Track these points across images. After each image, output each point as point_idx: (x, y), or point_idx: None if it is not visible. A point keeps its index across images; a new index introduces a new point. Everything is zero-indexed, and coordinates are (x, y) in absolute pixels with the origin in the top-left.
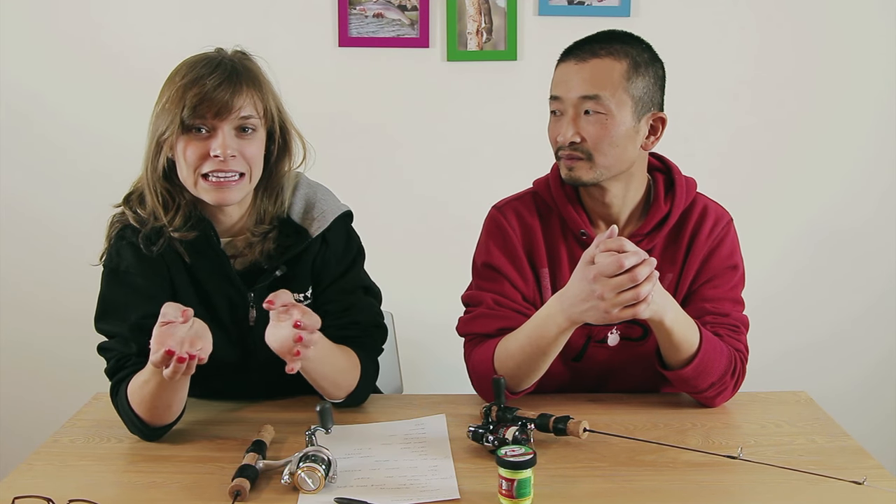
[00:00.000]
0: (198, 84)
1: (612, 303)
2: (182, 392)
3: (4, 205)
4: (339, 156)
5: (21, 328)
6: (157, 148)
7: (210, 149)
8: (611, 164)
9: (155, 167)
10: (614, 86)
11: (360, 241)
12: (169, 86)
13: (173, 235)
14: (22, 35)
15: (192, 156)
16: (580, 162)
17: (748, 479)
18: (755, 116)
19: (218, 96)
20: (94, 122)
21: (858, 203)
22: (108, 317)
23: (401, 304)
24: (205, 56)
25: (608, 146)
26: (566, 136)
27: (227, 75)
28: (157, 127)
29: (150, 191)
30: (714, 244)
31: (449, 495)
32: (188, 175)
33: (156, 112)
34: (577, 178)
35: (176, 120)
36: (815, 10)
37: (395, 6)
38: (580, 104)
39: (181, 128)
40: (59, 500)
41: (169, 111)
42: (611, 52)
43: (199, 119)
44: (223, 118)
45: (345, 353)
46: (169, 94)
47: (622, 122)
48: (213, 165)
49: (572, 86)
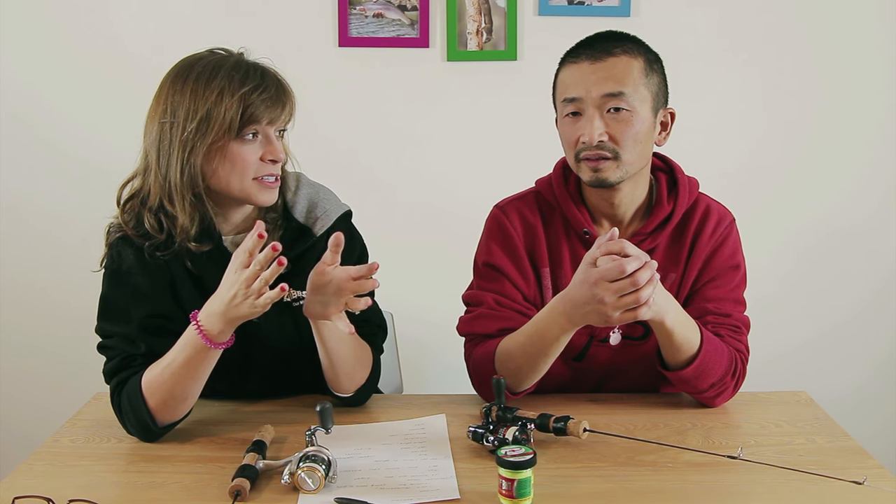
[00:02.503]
0: (259, 90)
1: (614, 306)
2: (202, 380)
3: (5, 205)
4: (338, 155)
5: (21, 328)
6: (190, 154)
7: (267, 153)
8: (635, 160)
9: (183, 173)
10: (636, 82)
11: (362, 239)
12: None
13: (190, 247)
14: (25, 36)
15: (250, 159)
16: (607, 162)
17: (748, 479)
18: (755, 116)
19: (278, 102)
20: (93, 121)
21: (859, 202)
22: (111, 317)
23: (401, 304)
24: (238, 60)
25: (634, 143)
26: (593, 136)
27: (277, 83)
28: (199, 131)
29: (179, 198)
30: (716, 244)
31: (449, 495)
32: (240, 178)
33: (191, 117)
34: (604, 178)
35: (234, 126)
36: (816, 9)
37: (395, 6)
38: (604, 103)
39: (236, 133)
40: (59, 500)
41: (219, 117)
42: (626, 50)
43: (256, 125)
44: (274, 124)
45: (362, 344)
46: (221, 99)
47: (645, 118)
48: (268, 168)
49: (592, 85)
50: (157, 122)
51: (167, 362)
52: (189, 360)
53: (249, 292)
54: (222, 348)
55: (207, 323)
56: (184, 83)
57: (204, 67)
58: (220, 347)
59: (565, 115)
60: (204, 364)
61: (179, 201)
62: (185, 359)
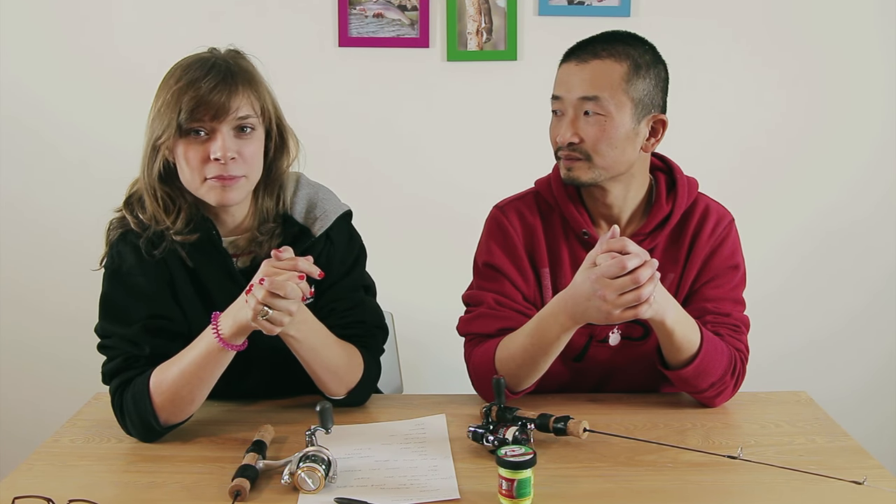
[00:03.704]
0: (193, 87)
1: (614, 304)
2: (210, 382)
3: (5, 206)
4: (338, 155)
5: (21, 328)
6: (154, 152)
7: (210, 151)
8: (609, 165)
9: (152, 171)
10: (613, 87)
11: (361, 240)
12: (164, 89)
13: (175, 239)
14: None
15: (193, 159)
16: (578, 162)
17: (748, 479)
18: (755, 116)
19: (214, 98)
20: (93, 123)
21: (859, 203)
22: (111, 317)
23: (401, 304)
24: (198, 57)
25: (606, 147)
26: (564, 137)
27: (223, 76)
28: (154, 131)
29: (149, 195)
30: (716, 244)
31: (449, 495)
32: (191, 178)
33: (151, 116)
34: (575, 178)
35: (173, 124)
36: (816, 10)
37: (395, 6)
38: (580, 105)
39: (179, 132)
40: (59, 500)
41: (165, 115)
42: (612, 54)
43: (197, 122)
44: (221, 120)
45: (346, 346)
46: (164, 97)
47: (621, 123)
48: (214, 168)
49: (572, 86)
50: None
51: (178, 361)
52: (201, 358)
53: None
54: (235, 350)
55: (224, 325)
56: (160, 83)
57: (174, 68)
58: (234, 349)
59: (552, 112)
60: (215, 365)
61: (149, 199)
62: (197, 357)
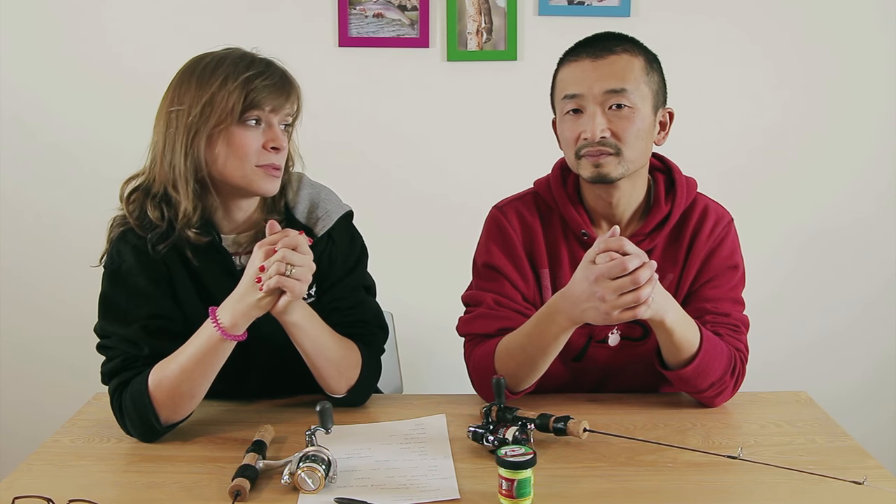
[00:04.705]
0: (262, 77)
1: (613, 304)
2: (210, 377)
3: (5, 206)
4: (338, 156)
5: (22, 329)
6: (192, 139)
7: (268, 140)
8: (636, 157)
9: (187, 157)
10: (637, 80)
11: (362, 240)
12: (217, 77)
13: (189, 235)
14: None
15: (249, 145)
16: (608, 157)
17: (748, 479)
18: (754, 116)
19: (281, 91)
20: (94, 123)
21: (859, 203)
22: (111, 316)
23: (401, 304)
24: (243, 53)
25: (635, 139)
26: (595, 132)
27: (282, 73)
28: (203, 115)
29: (183, 183)
30: (715, 244)
31: (449, 495)
32: (241, 164)
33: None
34: (605, 174)
35: (236, 109)
36: (816, 10)
37: (395, 6)
38: (605, 99)
39: (238, 118)
40: (59, 500)
41: (222, 101)
42: (626, 49)
43: (258, 110)
44: (277, 112)
45: (346, 341)
46: (225, 84)
47: (646, 115)
48: (269, 157)
49: (594, 81)
50: (164, 113)
51: (177, 357)
52: (201, 352)
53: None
54: (236, 341)
55: (224, 315)
56: (192, 75)
57: (212, 59)
58: (234, 339)
59: (565, 113)
60: (215, 357)
61: (183, 187)
62: (197, 351)
